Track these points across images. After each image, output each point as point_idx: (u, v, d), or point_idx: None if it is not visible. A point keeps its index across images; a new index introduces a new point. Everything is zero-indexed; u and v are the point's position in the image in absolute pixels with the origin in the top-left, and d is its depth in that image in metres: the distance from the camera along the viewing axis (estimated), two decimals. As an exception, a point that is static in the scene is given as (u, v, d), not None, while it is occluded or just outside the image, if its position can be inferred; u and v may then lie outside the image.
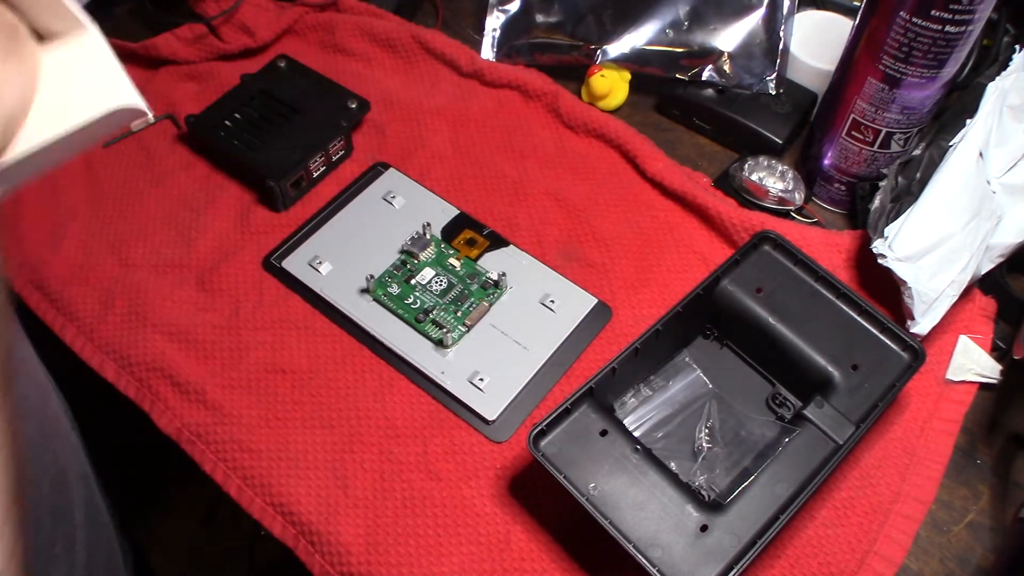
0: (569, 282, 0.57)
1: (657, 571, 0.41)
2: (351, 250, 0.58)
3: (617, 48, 0.66)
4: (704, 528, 0.43)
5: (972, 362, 0.53)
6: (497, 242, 0.59)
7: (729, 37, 0.65)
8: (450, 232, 0.59)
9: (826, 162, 0.60)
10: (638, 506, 0.43)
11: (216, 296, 0.57)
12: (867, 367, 0.48)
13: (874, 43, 0.52)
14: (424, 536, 0.48)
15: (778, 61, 0.65)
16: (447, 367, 0.53)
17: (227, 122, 0.63)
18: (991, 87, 0.52)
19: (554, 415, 0.45)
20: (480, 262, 0.58)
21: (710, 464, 0.48)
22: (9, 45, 0.30)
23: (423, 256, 0.58)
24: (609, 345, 0.54)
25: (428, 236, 0.58)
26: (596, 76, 0.65)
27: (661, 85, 0.67)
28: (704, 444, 0.49)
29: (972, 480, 0.50)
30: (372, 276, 0.56)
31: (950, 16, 0.48)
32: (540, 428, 0.45)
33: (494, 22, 0.70)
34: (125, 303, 0.56)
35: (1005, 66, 0.54)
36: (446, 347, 0.54)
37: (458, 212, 0.60)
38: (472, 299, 0.56)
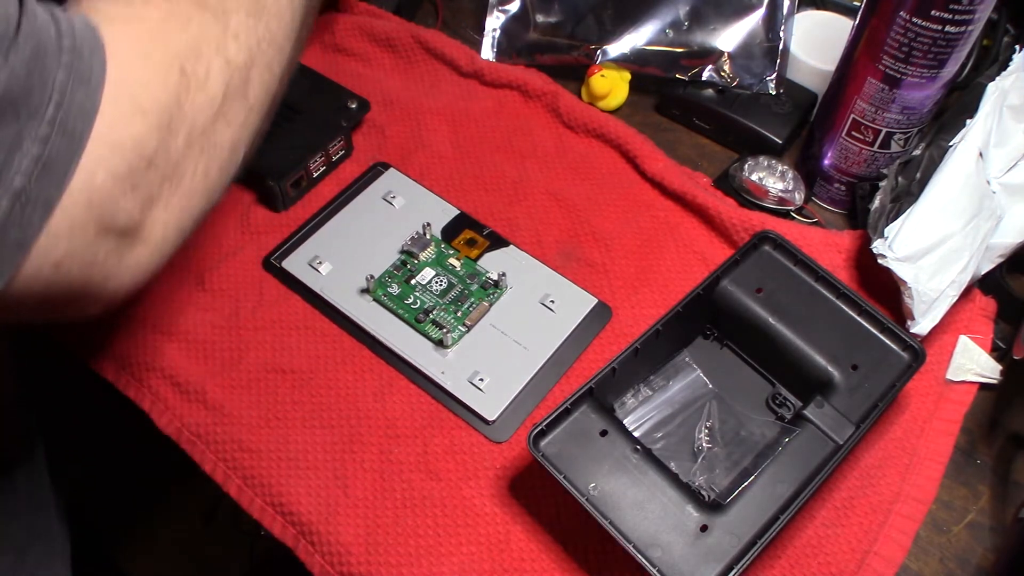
0: (569, 282, 0.57)
1: (657, 571, 0.41)
2: (351, 250, 0.58)
3: (617, 48, 0.66)
4: (704, 528, 0.43)
5: (972, 362, 0.53)
6: (497, 242, 0.59)
7: (729, 37, 0.65)
8: (450, 232, 0.59)
9: (826, 162, 0.60)
10: (638, 506, 0.43)
11: (216, 296, 0.57)
12: (867, 367, 0.48)
13: (874, 43, 0.52)
14: (424, 536, 0.48)
15: (778, 61, 0.65)
16: (447, 367, 0.53)
17: (227, 122, 0.63)
18: (991, 87, 0.52)
19: (554, 415, 0.45)
20: (480, 262, 0.58)
21: (710, 464, 0.48)
22: None
23: (423, 256, 0.58)
24: (609, 345, 0.54)
25: (428, 236, 0.58)
26: (596, 76, 0.65)
27: (661, 85, 0.67)
28: (704, 444, 0.49)
29: (972, 480, 0.50)
30: (372, 276, 0.56)
31: (950, 16, 0.48)
32: (540, 428, 0.45)
33: (494, 22, 0.70)
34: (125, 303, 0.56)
35: (1005, 66, 0.54)
36: (446, 347, 0.53)
37: (458, 212, 0.60)
38: (472, 299, 0.56)
